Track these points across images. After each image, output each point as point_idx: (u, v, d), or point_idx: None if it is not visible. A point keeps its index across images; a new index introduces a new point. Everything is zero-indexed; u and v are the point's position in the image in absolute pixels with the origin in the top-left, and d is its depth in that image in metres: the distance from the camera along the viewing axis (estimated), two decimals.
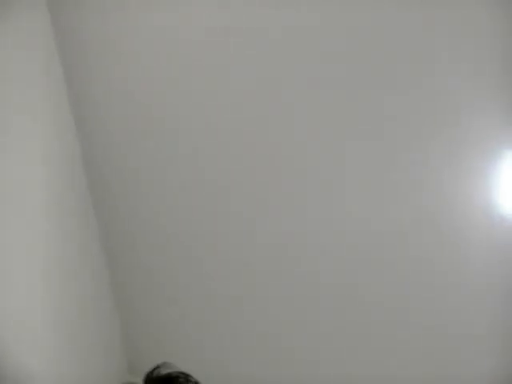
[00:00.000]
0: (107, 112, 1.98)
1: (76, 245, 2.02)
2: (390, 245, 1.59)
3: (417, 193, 1.53)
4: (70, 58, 2.00)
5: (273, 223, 1.75)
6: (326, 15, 1.51)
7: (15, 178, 1.83)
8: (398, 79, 1.48)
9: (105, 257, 2.13)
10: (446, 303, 1.55)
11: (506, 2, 1.32)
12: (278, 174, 1.71)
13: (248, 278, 1.84)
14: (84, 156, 2.06)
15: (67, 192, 2.01)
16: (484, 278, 1.50)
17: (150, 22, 1.78)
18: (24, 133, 1.87)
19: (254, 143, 1.72)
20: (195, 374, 1.75)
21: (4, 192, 1.79)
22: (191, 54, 1.75)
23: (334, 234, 1.67)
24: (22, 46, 1.87)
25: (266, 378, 1.88)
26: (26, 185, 1.87)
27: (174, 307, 2.03)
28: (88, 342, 2.03)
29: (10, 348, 1.74)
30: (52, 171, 1.95)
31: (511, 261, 1.46)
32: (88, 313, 2.05)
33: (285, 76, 1.62)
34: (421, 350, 1.61)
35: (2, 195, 1.78)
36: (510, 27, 1.34)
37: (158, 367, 1.66)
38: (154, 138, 1.90)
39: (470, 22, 1.37)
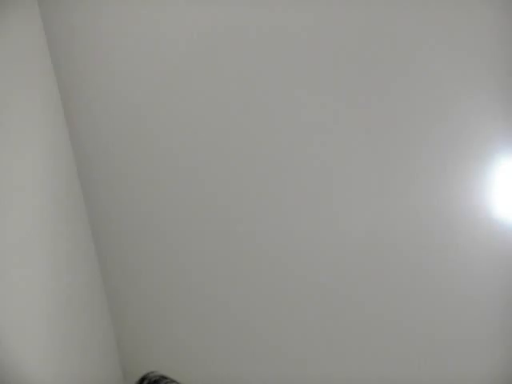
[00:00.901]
0: (99, 112, 1.97)
1: (71, 249, 2.02)
2: (390, 245, 1.60)
3: (413, 194, 1.53)
4: (62, 57, 1.99)
5: (271, 223, 1.76)
6: (326, 15, 1.51)
7: (10, 181, 1.82)
8: (394, 79, 1.49)
9: (99, 261, 2.12)
10: (445, 303, 1.56)
11: (506, 2, 1.32)
12: (277, 175, 1.71)
13: (245, 280, 1.84)
14: (77, 158, 2.05)
15: (61, 196, 2.01)
16: (484, 277, 1.50)
17: (143, 21, 1.78)
18: (14, 132, 1.86)
19: (251, 143, 1.73)
20: (189, 379, 1.73)
21: (1, 197, 1.78)
22: (187, 54, 1.75)
23: (329, 234, 1.67)
24: (12, 45, 1.86)
25: None
26: (23, 189, 1.87)
27: (169, 312, 2.02)
28: (82, 347, 2.02)
29: (9, 349, 1.74)
30: (45, 173, 1.95)
31: (510, 261, 1.46)
32: (82, 317, 2.05)
33: (283, 76, 1.63)
34: (421, 350, 1.61)
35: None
36: (510, 27, 1.34)
37: (145, 378, 1.67)
38: (148, 139, 1.90)
39: (470, 22, 1.37)
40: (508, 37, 1.34)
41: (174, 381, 1.67)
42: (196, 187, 1.87)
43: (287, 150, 1.69)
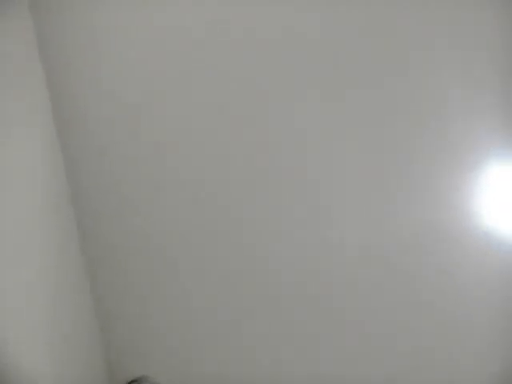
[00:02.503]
0: (92, 114, 1.95)
1: (58, 252, 2.00)
2: (389, 253, 1.60)
3: (412, 203, 1.54)
4: (53, 59, 1.97)
5: (272, 228, 1.75)
6: (326, 15, 1.52)
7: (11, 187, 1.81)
8: (394, 79, 1.49)
9: (87, 265, 2.10)
10: (445, 303, 1.56)
11: (506, 2, 1.33)
12: (277, 178, 1.71)
13: (239, 286, 1.82)
14: (67, 166, 2.03)
15: (52, 204, 1.99)
16: (485, 278, 1.51)
17: (138, 20, 1.77)
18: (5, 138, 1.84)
19: (251, 144, 1.72)
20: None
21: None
22: (186, 53, 1.74)
23: (326, 242, 1.67)
24: (3, 45, 1.85)
25: None
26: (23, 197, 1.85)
27: (158, 316, 2.00)
28: (68, 349, 2.00)
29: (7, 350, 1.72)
30: (34, 179, 1.93)
31: (509, 262, 1.47)
32: (69, 321, 2.01)
33: (283, 75, 1.62)
34: (421, 350, 1.61)
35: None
36: (510, 27, 1.35)
37: (135, 380, 1.63)
38: (142, 140, 1.88)
39: (470, 22, 1.38)
40: (508, 37, 1.35)
41: None
42: (195, 189, 1.85)
43: (286, 156, 1.68)
